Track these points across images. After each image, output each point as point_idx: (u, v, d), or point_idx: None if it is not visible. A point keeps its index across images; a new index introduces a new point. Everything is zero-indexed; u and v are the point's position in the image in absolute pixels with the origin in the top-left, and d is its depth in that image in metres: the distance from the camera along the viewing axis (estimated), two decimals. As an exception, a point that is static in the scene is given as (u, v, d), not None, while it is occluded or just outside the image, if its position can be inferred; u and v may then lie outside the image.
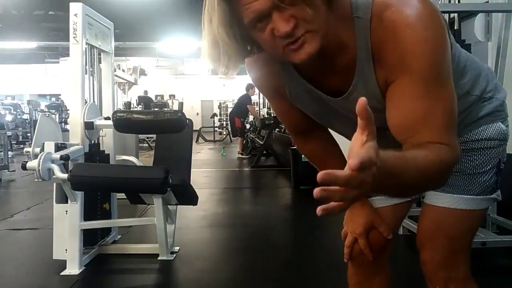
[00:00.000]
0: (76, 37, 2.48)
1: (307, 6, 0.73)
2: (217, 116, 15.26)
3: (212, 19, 0.75)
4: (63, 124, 10.14)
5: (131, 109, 3.78)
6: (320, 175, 0.51)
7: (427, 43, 0.76)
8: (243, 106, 8.87)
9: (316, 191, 0.51)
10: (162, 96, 18.69)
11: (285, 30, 0.73)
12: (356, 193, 0.54)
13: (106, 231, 2.87)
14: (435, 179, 0.75)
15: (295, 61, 0.79)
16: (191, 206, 2.79)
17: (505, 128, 1.03)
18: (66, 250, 2.42)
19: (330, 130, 1.15)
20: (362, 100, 0.55)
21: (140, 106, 9.41)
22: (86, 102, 2.63)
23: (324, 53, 0.79)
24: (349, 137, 0.53)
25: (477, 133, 1.01)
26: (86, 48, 2.60)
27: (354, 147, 0.56)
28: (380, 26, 0.79)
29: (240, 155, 8.75)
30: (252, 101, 9.31)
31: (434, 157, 0.71)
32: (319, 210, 0.54)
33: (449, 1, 3.26)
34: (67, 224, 2.41)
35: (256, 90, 8.80)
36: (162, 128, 2.58)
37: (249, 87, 8.75)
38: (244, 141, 10.18)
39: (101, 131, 2.80)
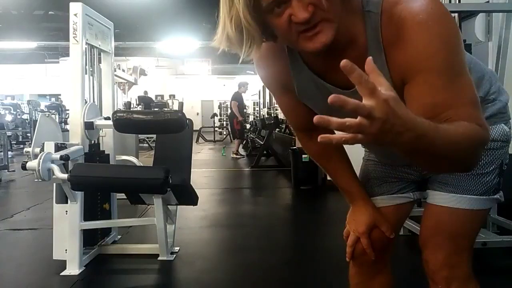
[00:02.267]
0: (76, 37, 2.48)
1: None
2: (217, 116, 15.27)
3: (235, 2, 0.76)
4: (63, 124, 10.13)
5: (131, 109, 3.78)
6: (332, 97, 0.58)
7: (441, 39, 0.76)
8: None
9: (321, 136, 0.59)
10: (162, 96, 18.64)
11: (303, 16, 0.74)
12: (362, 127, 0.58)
13: (106, 231, 2.87)
14: (466, 155, 0.73)
15: (309, 49, 0.79)
16: (191, 206, 2.79)
17: (508, 130, 1.04)
18: (66, 250, 2.42)
19: None
20: (368, 59, 0.61)
21: (140, 106, 9.40)
22: (86, 102, 2.63)
23: (335, 46, 0.79)
24: None
25: None
26: (86, 48, 2.60)
27: None
28: (390, 22, 0.79)
29: (234, 155, 8.71)
30: (243, 100, 9.21)
31: (465, 131, 0.70)
32: (320, 137, 0.59)
33: (449, 1, 3.25)
34: (67, 224, 2.41)
35: (248, 89, 8.75)
36: (162, 128, 2.57)
37: (241, 85, 8.72)
38: (244, 141, 10.15)
39: (101, 131, 2.80)
